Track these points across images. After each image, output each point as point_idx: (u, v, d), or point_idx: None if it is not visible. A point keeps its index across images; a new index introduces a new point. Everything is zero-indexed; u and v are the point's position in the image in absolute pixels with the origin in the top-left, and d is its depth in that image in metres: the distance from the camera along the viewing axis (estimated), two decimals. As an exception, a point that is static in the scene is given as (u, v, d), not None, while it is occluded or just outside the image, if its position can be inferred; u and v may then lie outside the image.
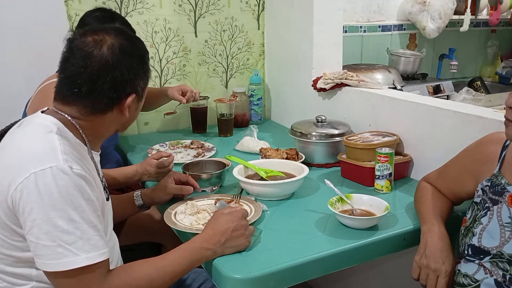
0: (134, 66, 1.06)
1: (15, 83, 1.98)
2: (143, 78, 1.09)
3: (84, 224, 0.92)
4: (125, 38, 1.07)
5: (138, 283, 0.98)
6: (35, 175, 0.90)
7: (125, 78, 1.04)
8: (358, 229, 1.22)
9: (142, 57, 1.10)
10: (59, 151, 0.94)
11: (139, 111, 1.16)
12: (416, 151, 1.59)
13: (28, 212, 0.90)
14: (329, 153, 1.72)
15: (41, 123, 1.01)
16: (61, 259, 0.90)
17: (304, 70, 2.11)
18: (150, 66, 1.13)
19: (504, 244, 1.03)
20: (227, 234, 1.08)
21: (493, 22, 3.17)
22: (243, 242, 1.10)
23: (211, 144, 1.98)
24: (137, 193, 1.41)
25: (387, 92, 1.79)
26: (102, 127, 1.08)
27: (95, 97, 1.02)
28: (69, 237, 0.90)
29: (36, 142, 0.97)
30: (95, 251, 0.92)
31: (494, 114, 1.36)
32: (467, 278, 1.08)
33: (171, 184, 1.39)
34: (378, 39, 3.01)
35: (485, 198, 1.10)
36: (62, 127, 1.01)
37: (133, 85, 1.06)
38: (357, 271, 2.05)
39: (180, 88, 1.99)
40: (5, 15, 1.93)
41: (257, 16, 2.39)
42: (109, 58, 1.02)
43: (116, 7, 2.03)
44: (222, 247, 1.08)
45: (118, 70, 1.03)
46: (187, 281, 1.41)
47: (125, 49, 1.05)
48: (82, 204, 0.93)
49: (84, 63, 1.01)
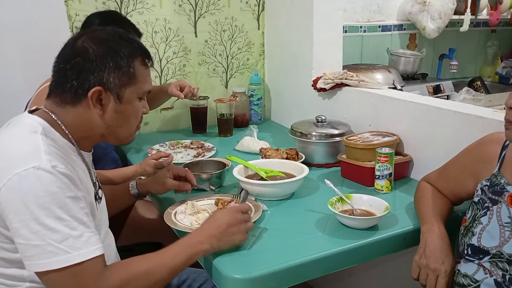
0: (99, 56, 1.01)
1: (15, 83, 1.98)
2: (114, 72, 1.02)
3: (73, 221, 0.91)
4: (105, 33, 1.06)
5: (137, 278, 0.97)
6: (18, 175, 0.89)
7: (88, 66, 1.00)
8: (358, 229, 1.22)
9: (114, 50, 1.03)
10: (42, 151, 0.93)
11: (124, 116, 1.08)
12: (416, 151, 1.59)
13: (14, 214, 0.89)
14: (329, 153, 1.72)
15: (27, 123, 1.00)
16: (53, 258, 0.88)
17: (304, 70, 2.11)
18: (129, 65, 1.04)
19: (503, 244, 1.03)
20: (222, 228, 1.08)
21: (493, 22, 3.17)
22: (239, 236, 1.10)
23: (211, 144, 1.98)
24: (133, 183, 1.41)
25: (387, 92, 1.79)
26: (81, 124, 1.05)
27: (62, 85, 1.02)
28: (58, 236, 0.89)
29: (19, 142, 0.96)
30: (87, 248, 0.91)
31: (494, 114, 1.36)
32: (466, 278, 1.08)
33: (170, 180, 1.38)
34: (378, 39, 3.01)
35: (485, 198, 1.10)
36: (48, 127, 1.00)
37: (99, 77, 1.01)
38: (357, 271, 2.05)
39: (179, 83, 1.99)
40: (5, 15, 1.93)
41: (257, 16, 2.39)
42: (77, 46, 1.02)
43: (116, 7, 2.04)
44: (218, 241, 1.07)
45: (81, 56, 1.00)
46: (188, 281, 1.41)
47: (95, 38, 1.03)
48: (68, 202, 0.91)
49: (59, 53, 1.04)
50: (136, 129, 1.15)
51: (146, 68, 1.10)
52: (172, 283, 1.40)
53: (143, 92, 1.10)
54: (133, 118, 1.11)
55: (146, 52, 1.11)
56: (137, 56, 1.07)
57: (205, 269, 1.15)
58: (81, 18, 1.96)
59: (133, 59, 1.06)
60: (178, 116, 2.33)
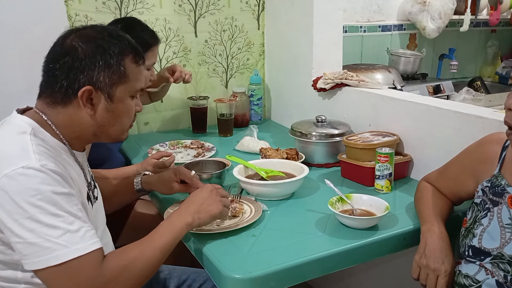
0: (88, 55, 0.99)
1: (15, 83, 1.98)
2: (104, 71, 1.01)
3: (69, 216, 0.90)
4: (94, 31, 1.05)
5: (132, 263, 0.97)
6: (7, 176, 0.88)
7: (77, 65, 0.99)
8: (358, 229, 1.22)
9: (103, 48, 1.01)
10: (31, 151, 0.92)
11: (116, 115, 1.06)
12: (416, 151, 1.59)
13: (7, 215, 0.88)
14: (329, 153, 1.72)
15: (16, 124, 1.00)
16: (51, 254, 0.88)
17: (304, 70, 2.11)
18: (119, 63, 1.03)
19: (504, 245, 1.03)
20: (199, 202, 1.14)
21: (493, 22, 3.17)
22: (216, 206, 1.15)
23: (211, 144, 1.98)
24: (137, 180, 1.40)
25: (387, 92, 1.79)
26: (72, 123, 1.03)
27: (52, 86, 1.01)
28: (55, 231, 0.88)
29: (7, 143, 0.95)
30: (85, 242, 0.90)
31: (494, 114, 1.36)
32: (468, 279, 1.08)
33: (176, 184, 1.37)
34: (378, 39, 3.01)
35: (485, 199, 1.10)
36: (37, 127, 0.99)
37: (89, 76, 1.00)
38: (357, 271, 2.05)
39: (171, 67, 1.99)
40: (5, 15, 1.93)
41: (257, 16, 2.39)
42: (66, 45, 1.01)
43: (116, 7, 2.04)
44: (198, 213, 1.12)
45: (70, 56, 0.99)
46: (188, 282, 1.41)
47: (83, 36, 1.02)
48: (62, 198, 0.90)
49: (49, 52, 1.03)
50: (129, 127, 1.13)
51: (138, 65, 1.08)
52: (172, 283, 1.40)
53: (135, 90, 1.09)
54: (126, 117, 1.09)
55: (137, 50, 1.08)
56: (128, 54, 1.05)
57: (205, 269, 1.15)
58: (81, 18, 1.96)
59: (123, 57, 1.03)
60: (178, 116, 2.33)
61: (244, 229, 1.22)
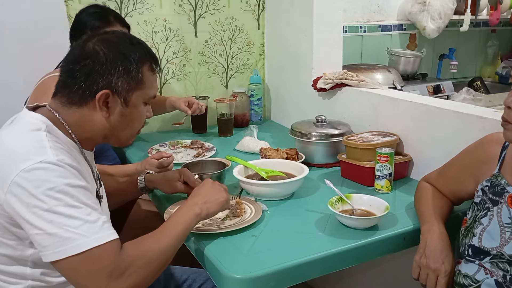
0: (110, 60, 1.03)
1: (15, 82, 1.98)
2: (123, 77, 1.04)
3: (86, 208, 0.92)
4: (116, 36, 1.08)
5: (152, 249, 0.99)
6: (25, 171, 0.90)
7: (97, 69, 1.02)
8: (358, 229, 1.22)
9: (124, 54, 1.05)
10: (47, 147, 0.94)
11: (129, 120, 1.10)
12: (416, 151, 1.59)
13: (26, 207, 0.89)
14: (329, 153, 1.72)
15: (29, 122, 1.01)
16: (71, 243, 0.89)
17: (304, 70, 2.11)
18: (138, 70, 1.06)
19: (504, 244, 1.03)
20: (204, 193, 1.18)
21: (493, 22, 3.17)
22: (221, 194, 1.20)
23: (211, 144, 1.98)
24: (141, 178, 1.42)
25: (387, 92, 1.79)
26: (85, 124, 1.06)
27: (70, 86, 1.03)
28: (74, 222, 0.89)
29: (23, 140, 0.97)
30: (104, 232, 0.92)
31: (494, 114, 1.36)
32: (467, 279, 1.08)
33: (180, 184, 1.38)
34: (378, 39, 3.01)
35: (485, 199, 1.10)
36: (51, 125, 1.01)
37: (108, 80, 1.03)
38: (357, 271, 2.05)
39: (187, 99, 2.04)
40: (5, 14, 1.93)
41: (257, 16, 2.39)
42: (88, 48, 1.03)
43: (116, 7, 2.03)
44: (206, 203, 1.15)
45: (92, 59, 1.02)
46: (188, 282, 1.41)
47: (106, 41, 1.05)
48: (79, 191, 0.92)
49: (68, 53, 1.06)
50: (137, 132, 1.17)
51: (153, 73, 1.12)
52: (172, 283, 1.40)
53: (149, 97, 1.12)
54: (137, 122, 1.13)
55: (154, 58, 1.13)
56: (146, 62, 1.09)
57: (205, 269, 1.15)
58: (81, 18, 1.96)
59: (142, 64, 1.08)
60: (178, 116, 2.33)
61: (244, 229, 1.22)
